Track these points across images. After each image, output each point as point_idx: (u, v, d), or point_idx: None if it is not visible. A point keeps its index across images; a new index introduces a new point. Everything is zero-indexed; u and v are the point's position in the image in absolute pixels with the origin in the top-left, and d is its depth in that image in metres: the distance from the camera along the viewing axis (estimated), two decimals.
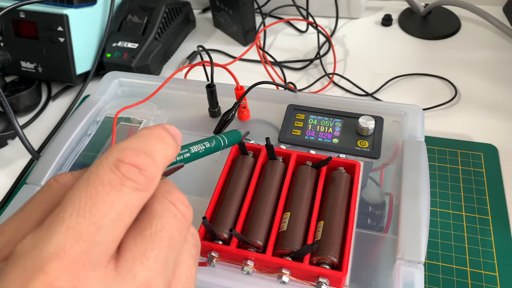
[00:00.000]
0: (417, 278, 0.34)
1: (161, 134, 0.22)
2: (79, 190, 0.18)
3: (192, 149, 0.29)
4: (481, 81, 0.63)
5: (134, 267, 0.19)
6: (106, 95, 0.54)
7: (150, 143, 0.21)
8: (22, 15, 0.65)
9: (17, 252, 0.17)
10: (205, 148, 0.31)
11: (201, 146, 0.30)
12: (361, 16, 0.77)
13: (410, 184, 0.40)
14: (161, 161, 0.21)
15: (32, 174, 0.45)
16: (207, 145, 0.31)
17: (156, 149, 0.21)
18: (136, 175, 0.19)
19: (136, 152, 0.20)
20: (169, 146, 0.22)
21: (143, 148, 0.20)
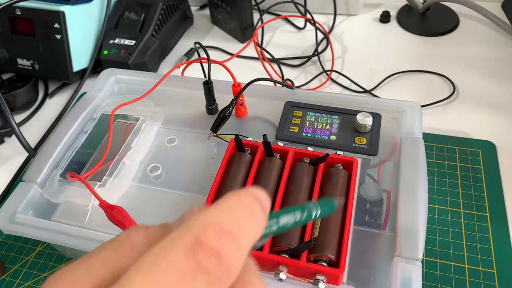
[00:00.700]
0: (415, 275, 0.34)
1: (251, 205, 0.19)
2: (142, 273, 0.16)
3: (281, 220, 0.24)
4: (480, 78, 0.63)
5: None
6: (103, 92, 0.53)
7: (238, 218, 0.18)
8: (18, 12, 0.64)
9: None
10: (294, 220, 0.26)
11: (291, 218, 0.25)
12: (359, 12, 0.77)
13: (408, 181, 0.40)
14: (247, 244, 0.18)
15: (28, 172, 0.45)
16: (298, 217, 0.26)
17: (244, 227, 0.18)
18: (214, 266, 0.16)
19: (219, 232, 0.17)
20: (258, 222, 0.19)
21: (229, 226, 0.17)
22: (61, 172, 0.46)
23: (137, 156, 0.47)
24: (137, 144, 0.48)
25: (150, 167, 0.47)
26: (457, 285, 0.43)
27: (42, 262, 0.49)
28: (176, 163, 0.47)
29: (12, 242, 0.51)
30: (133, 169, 0.47)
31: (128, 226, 0.37)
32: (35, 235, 0.41)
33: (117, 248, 0.18)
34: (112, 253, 0.18)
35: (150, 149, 0.49)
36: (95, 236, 0.39)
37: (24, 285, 0.47)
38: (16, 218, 0.42)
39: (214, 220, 0.17)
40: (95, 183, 0.44)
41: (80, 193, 0.44)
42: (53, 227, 0.41)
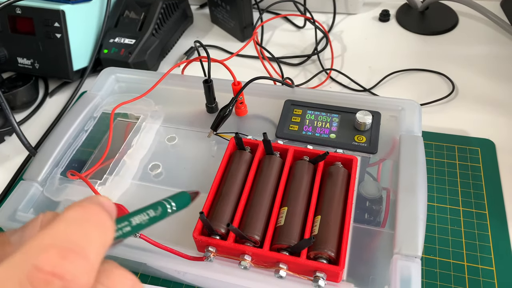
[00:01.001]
0: (414, 272, 0.34)
1: (97, 214, 0.18)
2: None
3: (133, 221, 0.25)
4: (479, 77, 0.63)
5: None
6: (103, 91, 0.54)
7: (84, 231, 0.17)
8: (19, 11, 0.64)
9: None
10: (148, 218, 0.27)
11: (143, 216, 0.26)
12: (358, 11, 0.77)
13: (407, 179, 0.40)
14: (97, 256, 0.17)
15: (28, 170, 0.45)
16: (151, 214, 0.27)
17: (92, 239, 0.17)
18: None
19: (62, 252, 0.15)
20: (107, 230, 0.19)
21: (74, 242, 0.16)
22: (62, 171, 0.47)
23: (137, 155, 0.48)
24: (138, 142, 0.48)
25: (151, 166, 0.47)
26: (457, 283, 0.43)
27: None
28: (176, 162, 0.48)
29: None
30: (134, 167, 0.47)
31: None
32: None
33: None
34: None
35: (150, 148, 0.49)
36: None
37: None
38: (17, 216, 0.42)
39: (55, 240, 0.16)
40: (96, 182, 0.44)
41: (80, 192, 0.44)
42: None
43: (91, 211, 0.18)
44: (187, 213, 0.43)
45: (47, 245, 0.15)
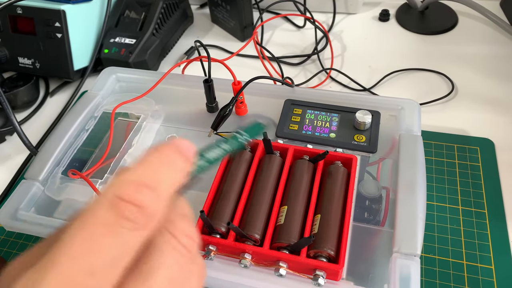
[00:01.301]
0: (413, 270, 0.35)
1: (170, 157, 0.21)
2: (74, 230, 0.18)
3: (208, 154, 0.26)
4: (478, 76, 0.63)
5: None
6: (104, 91, 0.54)
7: (155, 171, 0.20)
8: (19, 11, 0.64)
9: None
10: (224, 150, 0.27)
11: (220, 151, 0.27)
12: (358, 11, 0.78)
13: (407, 178, 0.40)
14: (167, 191, 0.20)
15: (30, 169, 0.46)
16: (226, 147, 0.28)
17: (162, 178, 0.20)
18: (135, 215, 0.18)
19: (136, 186, 0.19)
20: (178, 171, 0.21)
21: (147, 179, 0.20)
22: (63, 170, 0.47)
23: (138, 154, 0.48)
24: (138, 142, 0.48)
25: None
26: (456, 281, 0.43)
27: None
28: None
29: (14, 239, 0.52)
30: None
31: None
32: (38, 232, 0.41)
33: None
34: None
35: (151, 147, 0.49)
36: None
37: None
38: (19, 215, 0.42)
39: (132, 177, 0.19)
40: (97, 181, 0.44)
41: (81, 191, 0.44)
42: (56, 224, 0.41)
43: (166, 155, 0.21)
44: None
45: (128, 180, 0.19)
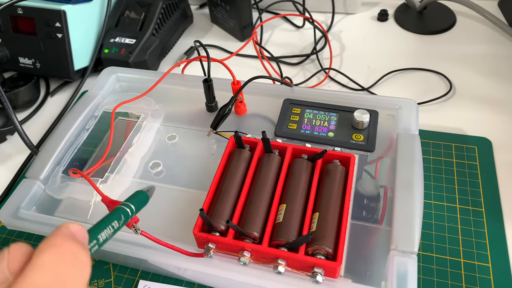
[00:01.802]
0: (411, 267, 0.35)
1: (72, 250, 0.18)
2: None
3: (101, 237, 0.26)
4: (476, 76, 0.64)
5: None
6: (104, 90, 0.54)
7: (61, 276, 0.17)
8: (20, 11, 0.65)
9: None
10: (113, 230, 0.28)
11: (109, 230, 0.27)
12: (357, 11, 0.78)
13: (404, 176, 0.41)
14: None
15: (31, 168, 0.46)
16: (116, 225, 0.28)
17: (70, 280, 0.17)
18: None
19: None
20: (84, 266, 0.19)
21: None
22: (64, 169, 0.47)
23: (138, 153, 0.48)
24: (138, 141, 0.49)
25: (151, 164, 0.48)
26: (453, 279, 0.44)
27: None
28: (176, 160, 0.48)
29: (15, 238, 0.52)
30: (134, 165, 0.47)
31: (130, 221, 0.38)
32: (39, 231, 0.41)
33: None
34: None
35: (151, 146, 0.49)
36: None
37: None
38: (20, 214, 0.42)
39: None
40: (97, 180, 0.45)
41: (82, 190, 0.45)
42: (57, 222, 0.41)
43: (65, 250, 0.18)
44: (187, 210, 0.43)
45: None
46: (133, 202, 0.31)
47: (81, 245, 0.20)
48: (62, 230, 0.20)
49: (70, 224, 0.20)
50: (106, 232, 0.27)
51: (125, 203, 0.31)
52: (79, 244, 0.20)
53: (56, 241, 0.19)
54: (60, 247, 0.19)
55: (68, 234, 0.20)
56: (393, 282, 0.34)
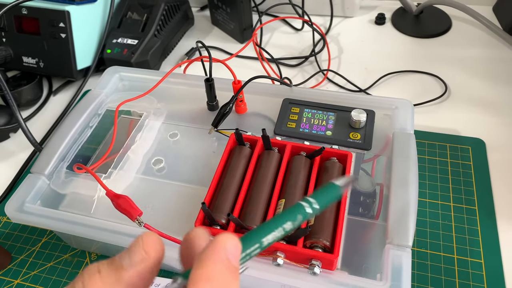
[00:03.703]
0: (405, 260, 0.36)
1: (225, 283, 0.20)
2: None
3: (266, 241, 0.23)
4: (471, 78, 0.65)
5: None
6: (108, 89, 0.55)
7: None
8: (25, 11, 0.66)
9: None
10: (284, 233, 0.23)
11: (278, 233, 0.23)
12: (355, 14, 0.79)
13: (400, 173, 0.42)
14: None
15: (36, 164, 0.47)
16: (288, 228, 0.23)
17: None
18: None
19: None
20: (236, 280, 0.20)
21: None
22: (68, 165, 0.48)
23: (141, 150, 0.49)
24: (141, 138, 0.50)
25: (154, 160, 0.49)
26: (447, 275, 0.45)
27: (47, 252, 0.51)
28: (178, 157, 0.49)
29: (19, 233, 0.53)
30: (137, 162, 0.48)
31: (133, 214, 0.39)
32: (44, 224, 0.42)
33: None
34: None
35: (153, 143, 0.51)
36: (101, 224, 0.41)
37: (30, 274, 0.49)
38: (25, 208, 0.43)
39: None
40: (101, 175, 0.46)
41: (86, 185, 0.46)
42: (61, 216, 0.42)
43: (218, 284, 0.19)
44: (189, 205, 0.45)
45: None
46: (318, 198, 0.24)
47: (234, 273, 0.20)
48: (219, 254, 0.20)
49: (228, 242, 0.21)
50: (274, 235, 0.23)
51: (307, 200, 0.24)
52: (233, 273, 0.20)
53: (209, 273, 0.19)
54: (213, 281, 0.19)
55: (224, 260, 0.20)
56: (388, 274, 0.35)
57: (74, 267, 0.49)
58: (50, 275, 0.49)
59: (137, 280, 0.21)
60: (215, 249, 0.20)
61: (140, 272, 0.21)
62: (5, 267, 0.50)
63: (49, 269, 0.49)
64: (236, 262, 0.21)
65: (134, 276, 0.21)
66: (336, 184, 0.25)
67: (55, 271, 0.49)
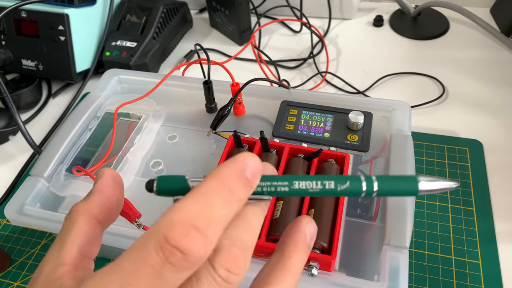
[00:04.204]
0: (402, 261, 0.36)
1: (231, 186, 0.20)
2: (128, 260, 0.19)
3: (298, 184, 0.21)
4: (468, 80, 0.66)
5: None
6: (106, 92, 0.56)
7: (210, 207, 0.19)
8: (24, 14, 0.66)
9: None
10: (322, 189, 0.21)
11: (314, 184, 0.21)
12: (353, 17, 0.80)
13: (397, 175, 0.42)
14: (217, 232, 0.19)
15: (35, 166, 0.47)
16: (329, 186, 0.21)
17: (215, 216, 0.19)
18: (179, 261, 0.18)
19: (185, 230, 0.18)
20: (236, 203, 0.20)
21: (197, 220, 0.19)
22: (67, 167, 0.48)
23: (139, 152, 0.50)
24: (140, 140, 0.50)
25: (152, 163, 0.49)
26: (444, 275, 0.45)
27: None
28: (177, 159, 0.50)
29: (18, 235, 0.53)
30: (136, 164, 0.49)
31: (132, 216, 0.39)
32: (43, 226, 0.43)
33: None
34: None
35: (152, 146, 0.51)
36: None
37: (29, 276, 0.49)
38: (24, 210, 0.44)
39: (183, 216, 0.19)
40: None
41: (85, 187, 0.46)
42: (61, 218, 0.43)
43: (224, 184, 0.20)
44: None
45: (177, 221, 0.19)
46: (383, 181, 0.21)
47: (242, 181, 0.20)
48: (235, 163, 0.21)
49: (249, 158, 0.21)
50: (307, 184, 0.21)
51: (369, 177, 0.22)
52: (241, 179, 0.20)
53: (223, 175, 0.20)
54: (221, 179, 0.20)
55: (238, 168, 0.20)
56: (385, 275, 0.36)
57: None
58: None
59: (98, 211, 0.25)
60: (233, 159, 0.21)
61: (99, 201, 0.25)
62: (5, 269, 0.50)
63: None
64: (253, 177, 0.21)
65: (95, 207, 0.25)
66: (416, 180, 0.21)
67: None
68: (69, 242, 0.23)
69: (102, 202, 0.26)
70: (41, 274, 0.22)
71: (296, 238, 0.24)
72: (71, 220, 0.25)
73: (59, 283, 0.22)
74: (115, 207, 0.27)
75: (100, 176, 0.27)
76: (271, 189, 0.22)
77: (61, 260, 0.23)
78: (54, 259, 0.23)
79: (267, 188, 0.22)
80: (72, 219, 0.25)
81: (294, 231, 0.24)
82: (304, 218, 0.24)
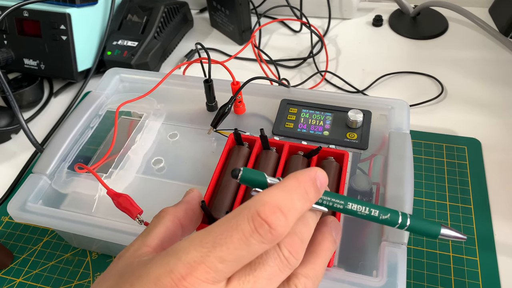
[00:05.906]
0: (400, 257, 0.37)
1: (306, 188, 0.26)
2: (221, 226, 0.24)
3: (350, 205, 0.28)
4: (467, 79, 0.66)
5: (237, 287, 0.24)
6: (108, 90, 0.56)
7: (290, 199, 0.25)
8: (26, 14, 0.67)
9: (166, 252, 0.25)
10: (368, 214, 0.29)
11: (363, 208, 0.29)
12: (353, 16, 0.80)
13: (395, 172, 0.43)
14: (294, 218, 0.25)
15: (38, 164, 0.48)
16: (374, 213, 0.29)
17: (294, 206, 0.25)
18: (265, 232, 0.23)
19: (273, 209, 0.24)
20: (308, 202, 0.26)
21: (282, 205, 0.24)
22: (69, 165, 0.49)
23: (141, 150, 0.50)
24: (141, 139, 0.51)
25: (154, 160, 0.50)
26: (442, 272, 0.45)
27: (49, 251, 0.52)
28: (178, 157, 0.50)
29: (20, 232, 0.54)
30: (137, 162, 0.49)
31: (134, 212, 0.39)
32: (45, 223, 0.43)
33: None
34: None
35: (153, 144, 0.51)
36: (102, 223, 0.42)
37: (31, 273, 0.50)
38: (27, 207, 0.44)
39: (271, 200, 0.24)
40: (102, 175, 0.46)
41: (87, 184, 0.47)
42: (63, 215, 0.43)
43: (303, 184, 0.26)
44: None
45: (267, 202, 0.24)
46: (414, 221, 0.30)
47: (313, 187, 0.26)
48: (310, 171, 0.27)
49: (319, 171, 0.27)
50: (358, 207, 0.28)
51: (406, 214, 0.30)
52: (312, 186, 0.26)
53: (300, 177, 0.26)
54: (301, 182, 0.26)
55: (311, 176, 0.26)
56: (384, 271, 0.36)
57: (75, 266, 0.50)
58: (52, 274, 0.50)
59: (182, 215, 0.32)
60: (307, 169, 0.27)
61: (185, 209, 0.32)
62: (7, 266, 0.51)
63: (51, 268, 0.50)
64: (321, 187, 0.27)
65: (180, 211, 0.32)
66: (440, 226, 0.30)
67: (56, 270, 0.50)
68: (154, 231, 0.29)
69: (187, 209, 0.32)
70: (127, 251, 0.28)
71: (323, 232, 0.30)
72: (159, 218, 0.30)
73: (141, 256, 0.27)
74: (196, 219, 0.34)
75: (189, 192, 0.35)
76: (329, 204, 0.28)
77: (145, 243, 0.28)
78: (140, 241, 0.28)
79: (326, 202, 0.28)
80: (160, 217, 0.30)
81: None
82: (329, 217, 0.32)
